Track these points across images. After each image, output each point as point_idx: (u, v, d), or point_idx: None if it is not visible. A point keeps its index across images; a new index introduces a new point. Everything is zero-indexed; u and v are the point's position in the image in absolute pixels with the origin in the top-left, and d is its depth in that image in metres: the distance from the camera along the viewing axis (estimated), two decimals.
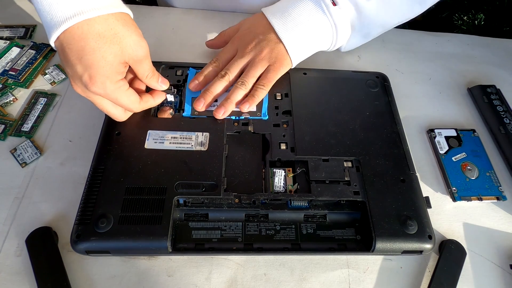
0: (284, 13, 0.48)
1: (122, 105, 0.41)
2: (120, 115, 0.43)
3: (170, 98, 0.47)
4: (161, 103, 0.46)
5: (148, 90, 0.45)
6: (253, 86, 0.47)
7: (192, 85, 0.47)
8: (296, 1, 0.48)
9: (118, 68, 0.38)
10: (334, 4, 0.47)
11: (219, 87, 0.46)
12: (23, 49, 0.53)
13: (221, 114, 0.45)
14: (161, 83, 0.44)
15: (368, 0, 0.48)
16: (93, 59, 0.36)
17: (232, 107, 0.46)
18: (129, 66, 0.41)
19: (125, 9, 0.39)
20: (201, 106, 0.45)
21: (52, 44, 0.37)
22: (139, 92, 0.44)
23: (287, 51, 0.47)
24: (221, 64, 0.48)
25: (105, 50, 0.37)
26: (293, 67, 0.49)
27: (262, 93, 0.47)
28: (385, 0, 0.49)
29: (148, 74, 0.43)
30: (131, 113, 0.45)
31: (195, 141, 0.43)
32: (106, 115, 0.44)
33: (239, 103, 0.46)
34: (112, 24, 0.37)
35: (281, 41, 0.47)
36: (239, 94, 0.46)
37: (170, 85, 0.46)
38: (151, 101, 0.45)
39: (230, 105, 0.45)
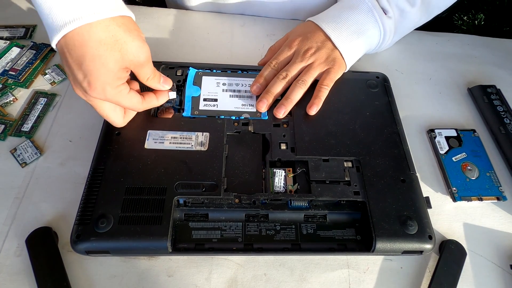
0: (338, 23, 0.50)
1: (124, 107, 0.41)
2: (119, 121, 0.43)
3: (172, 95, 0.46)
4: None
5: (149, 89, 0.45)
6: (312, 87, 0.48)
7: (254, 88, 0.48)
8: (348, 10, 0.50)
9: (118, 74, 0.38)
10: (385, 13, 0.50)
11: (279, 87, 0.47)
12: (23, 49, 0.53)
13: (282, 113, 0.46)
14: (163, 83, 0.44)
15: (412, 6, 0.51)
16: (93, 66, 0.36)
17: (292, 105, 0.47)
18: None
19: (127, 12, 0.38)
20: (264, 107, 0.47)
21: (54, 46, 0.37)
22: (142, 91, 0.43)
23: (343, 57, 0.49)
24: (280, 66, 0.49)
25: (105, 57, 0.36)
26: (346, 71, 0.51)
27: (326, 93, 0.48)
28: (424, 6, 0.52)
29: (149, 76, 0.42)
30: (129, 119, 0.44)
31: (195, 141, 0.43)
32: None
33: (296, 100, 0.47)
34: (113, 31, 0.36)
35: (337, 48, 0.49)
36: (299, 92, 0.47)
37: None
38: (154, 101, 0.44)
39: (290, 104, 0.47)
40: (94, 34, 0.35)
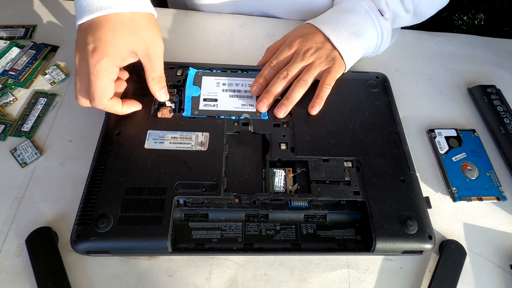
0: (336, 25, 0.50)
1: (93, 87, 0.40)
2: (80, 93, 0.41)
3: (169, 104, 0.47)
4: (161, 104, 0.46)
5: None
6: (312, 87, 0.49)
7: (254, 88, 0.48)
8: (346, 12, 0.51)
9: (122, 54, 0.41)
10: (382, 14, 0.51)
11: (279, 87, 0.47)
12: (23, 49, 0.53)
13: (282, 113, 0.46)
14: (162, 93, 0.45)
15: (407, 12, 0.53)
16: (106, 36, 0.40)
17: (292, 105, 0.47)
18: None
19: (152, 10, 0.44)
20: (264, 107, 0.47)
21: (78, 24, 0.41)
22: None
23: (342, 58, 0.50)
24: (280, 66, 0.49)
25: (119, 34, 0.40)
26: (346, 71, 0.51)
27: (328, 92, 0.48)
28: (415, 14, 0.54)
29: (156, 77, 0.44)
30: (89, 103, 0.42)
31: (195, 141, 0.43)
32: (106, 115, 0.45)
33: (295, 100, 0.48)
34: (136, 19, 0.41)
35: (336, 49, 0.50)
36: (300, 92, 0.47)
37: (170, 90, 0.47)
38: (118, 107, 0.43)
39: (291, 103, 0.47)
40: (119, 17, 0.40)
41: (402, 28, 0.62)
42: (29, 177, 0.43)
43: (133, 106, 0.45)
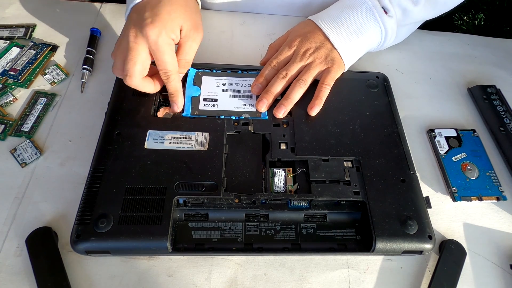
0: (337, 23, 0.50)
1: (163, 60, 0.42)
2: (137, 76, 0.42)
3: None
4: (160, 103, 0.46)
5: None
6: (311, 87, 0.49)
7: (255, 87, 0.48)
8: (348, 9, 0.50)
9: (174, 28, 0.43)
10: (386, 12, 0.50)
11: (279, 86, 0.48)
12: (23, 49, 0.53)
13: (282, 113, 0.46)
14: (182, 69, 0.46)
15: (415, 5, 0.51)
16: (161, 10, 0.42)
17: (292, 105, 0.47)
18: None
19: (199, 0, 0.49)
20: (264, 107, 0.47)
21: (131, 7, 0.44)
22: None
23: (341, 57, 0.49)
24: (280, 65, 0.49)
25: (172, 8, 0.43)
26: (345, 70, 0.51)
27: (327, 93, 0.48)
28: (430, 4, 0.52)
29: (183, 60, 0.45)
30: (142, 82, 0.44)
31: (195, 141, 0.43)
32: (106, 115, 0.44)
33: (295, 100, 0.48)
34: (188, 0, 0.46)
35: (335, 49, 0.49)
36: (299, 92, 0.47)
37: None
38: (177, 82, 0.45)
39: (290, 103, 0.47)
40: None
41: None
42: (29, 177, 0.43)
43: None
